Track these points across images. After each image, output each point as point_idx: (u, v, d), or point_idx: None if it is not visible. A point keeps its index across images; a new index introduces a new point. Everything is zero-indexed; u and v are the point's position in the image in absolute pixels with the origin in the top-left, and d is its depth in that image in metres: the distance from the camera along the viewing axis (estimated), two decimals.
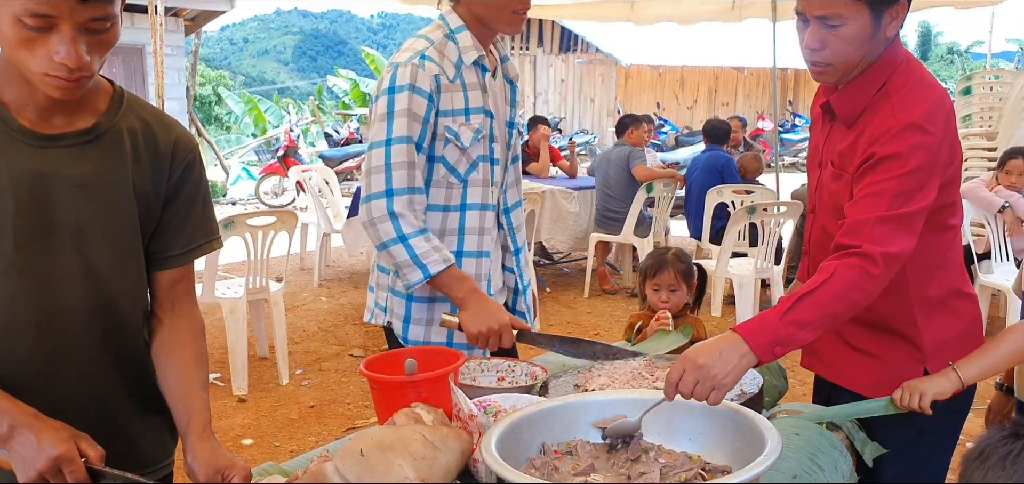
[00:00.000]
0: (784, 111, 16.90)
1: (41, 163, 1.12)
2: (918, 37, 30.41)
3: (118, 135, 1.18)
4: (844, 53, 1.43)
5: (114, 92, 1.21)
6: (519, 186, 1.95)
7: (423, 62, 1.66)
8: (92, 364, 1.20)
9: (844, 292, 1.34)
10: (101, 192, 1.16)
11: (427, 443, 1.11)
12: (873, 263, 1.34)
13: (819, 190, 1.63)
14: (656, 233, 5.75)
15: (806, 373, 1.75)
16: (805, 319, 1.31)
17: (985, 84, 6.58)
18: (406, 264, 1.65)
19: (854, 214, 1.40)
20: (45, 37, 1.03)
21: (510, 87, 1.87)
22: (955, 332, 1.55)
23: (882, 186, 1.38)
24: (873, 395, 1.56)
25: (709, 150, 5.93)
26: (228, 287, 4.01)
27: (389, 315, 1.82)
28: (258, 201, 10.51)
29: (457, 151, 1.72)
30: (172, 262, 1.27)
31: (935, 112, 1.42)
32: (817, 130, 1.66)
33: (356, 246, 5.50)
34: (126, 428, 1.26)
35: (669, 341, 1.90)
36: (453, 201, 1.76)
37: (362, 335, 4.87)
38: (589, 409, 1.24)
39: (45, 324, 1.14)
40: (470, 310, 1.66)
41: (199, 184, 1.28)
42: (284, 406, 3.75)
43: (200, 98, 17.45)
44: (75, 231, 1.15)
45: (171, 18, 9.48)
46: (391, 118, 1.65)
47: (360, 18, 64.17)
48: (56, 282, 1.14)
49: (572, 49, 18.02)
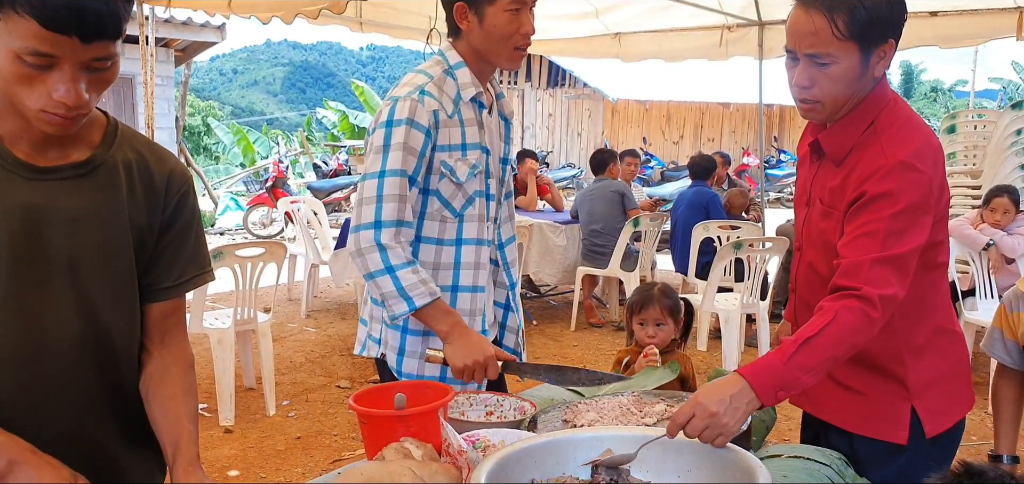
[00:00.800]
0: (769, 147, 17.12)
1: (35, 196, 1.11)
2: (901, 75, 30.99)
3: (113, 168, 1.18)
4: (833, 91, 1.45)
5: (108, 124, 1.20)
6: (512, 222, 1.96)
7: (422, 97, 1.67)
8: (84, 397, 1.19)
9: (845, 335, 1.36)
10: (96, 225, 1.15)
11: (416, 478, 1.10)
12: (872, 306, 1.36)
13: (807, 228, 1.64)
14: (643, 267, 5.78)
15: (793, 408, 1.76)
16: (809, 364, 1.34)
17: (969, 122, 6.71)
18: (392, 295, 1.65)
19: (849, 255, 1.41)
20: (45, 75, 1.02)
21: (504, 124, 1.89)
22: (942, 371, 1.57)
23: (875, 226, 1.40)
24: (859, 432, 1.56)
25: (694, 186, 5.99)
26: (216, 317, 3.99)
27: (383, 347, 1.82)
28: (246, 232, 10.46)
29: (452, 185, 1.73)
30: (164, 294, 1.27)
31: (923, 150, 1.44)
32: (805, 168, 1.67)
33: (343, 277, 5.49)
34: (117, 461, 1.25)
35: (657, 376, 1.91)
36: (447, 235, 1.76)
37: (349, 367, 4.84)
38: (578, 445, 1.25)
39: (37, 357, 1.13)
40: (454, 343, 1.66)
41: (193, 216, 1.28)
42: (271, 437, 3.71)
43: (189, 128, 17.44)
44: (69, 265, 1.14)
45: (161, 49, 9.52)
46: (387, 150, 1.66)
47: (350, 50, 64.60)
48: (49, 316, 1.13)
49: (560, 84, 18.21)
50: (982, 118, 6.86)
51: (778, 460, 1.49)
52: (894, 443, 1.54)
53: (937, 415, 1.55)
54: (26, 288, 1.11)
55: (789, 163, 15.72)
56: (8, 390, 1.13)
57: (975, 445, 3.61)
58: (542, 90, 18.21)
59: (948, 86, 30.87)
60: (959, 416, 1.59)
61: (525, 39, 1.71)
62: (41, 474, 1.04)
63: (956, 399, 1.60)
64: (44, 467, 1.05)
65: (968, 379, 1.63)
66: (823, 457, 1.50)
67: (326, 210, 7.28)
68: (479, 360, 1.64)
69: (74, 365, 1.16)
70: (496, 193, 1.85)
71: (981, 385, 4.58)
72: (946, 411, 1.57)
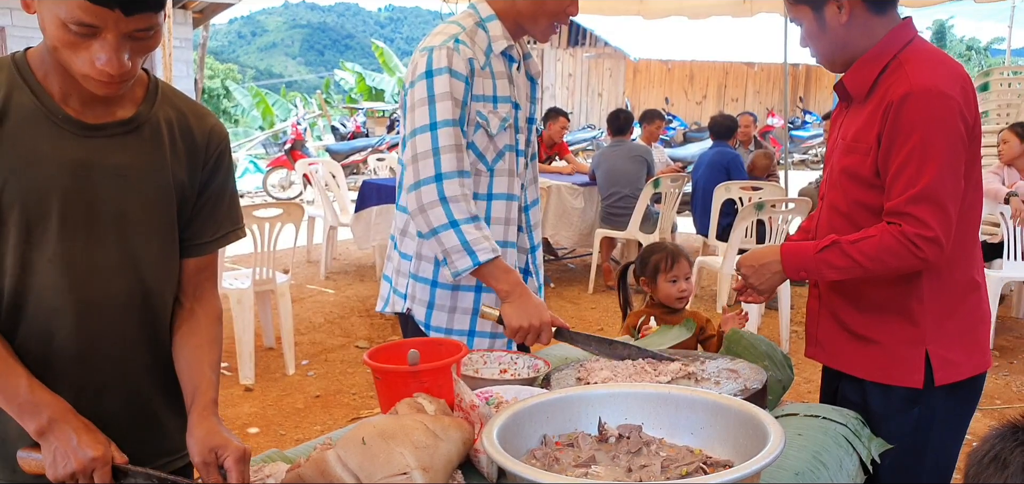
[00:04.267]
0: (794, 108, 16.78)
1: (85, 152, 1.12)
2: (932, 35, 30.18)
3: (156, 125, 1.19)
4: (818, 47, 1.59)
5: (149, 81, 1.21)
6: (536, 184, 1.95)
7: (457, 46, 1.65)
8: (128, 352, 1.21)
9: (880, 252, 1.46)
10: (141, 181, 1.17)
11: (429, 432, 1.11)
12: (914, 244, 1.43)
13: (829, 170, 1.67)
14: (662, 230, 5.73)
15: (812, 370, 1.75)
16: (836, 262, 1.50)
17: (1003, 80, 6.51)
18: (455, 250, 1.62)
19: (892, 195, 1.47)
20: (88, 42, 1.03)
21: (531, 83, 1.88)
22: (959, 319, 1.55)
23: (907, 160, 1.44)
24: (873, 379, 1.57)
25: (715, 146, 5.90)
26: (235, 278, 4.03)
27: (410, 301, 1.80)
28: (265, 194, 10.54)
29: (486, 137, 1.72)
30: (201, 250, 1.28)
31: (952, 78, 1.46)
32: (836, 122, 1.69)
33: (366, 240, 5.50)
34: (156, 416, 1.27)
35: (673, 335, 1.90)
36: (480, 190, 1.75)
37: (368, 327, 4.88)
38: (591, 402, 1.24)
39: (85, 312, 1.15)
40: (513, 304, 1.64)
41: (229, 173, 1.30)
42: (290, 396, 3.77)
43: (208, 91, 17.52)
44: (117, 220, 1.15)
45: (179, 10, 9.50)
46: (432, 102, 1.63)
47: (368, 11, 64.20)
48: (97, 271, 1.15)
49: (580, 43, 17.97)
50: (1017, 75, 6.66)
51: (794, 418, 1.47)
52: (909, 389, 1.53)
53: (949, 364, 1.53)
54: (76, 243, 1.13)
55: (814, 124, 15.39)
56: (56, 341, 1.15)
57: (999, 408, 3.57)
58: (562, 49, 17.98)
59: (984, 44, 30.02)
60: (973, 371, 1.57)
61: (563, 17, 1.71)
62: (81, 438, 1.06)
63: (973, 352, 1.57)
64: (83, 432, 1.07)
65: (986, 336, 1.60)
66: (839, 416, 1.49)
67: (344, 172, 7.29)
68: (534, 324, 1.63)
69: (119, 320, 1.18)
70: (524, 149, 1.84)
71: (1007, 349, 4.52)
72: (959, 363, 1.54)
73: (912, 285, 1.52)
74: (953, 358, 1.53)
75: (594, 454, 1.14)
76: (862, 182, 1.53)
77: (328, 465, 1.06)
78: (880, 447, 1.50)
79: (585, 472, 1.09)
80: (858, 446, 1.47)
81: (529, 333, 1.63)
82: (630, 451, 1.15)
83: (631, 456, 1.14)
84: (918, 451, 1.55)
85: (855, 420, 1.52)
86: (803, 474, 1.28)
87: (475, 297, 1.76)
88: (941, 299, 1.53)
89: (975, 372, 1.57)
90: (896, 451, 1.52)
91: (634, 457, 1.14)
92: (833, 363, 1.68)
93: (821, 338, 1.67)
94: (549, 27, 1.72)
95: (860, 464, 1.45)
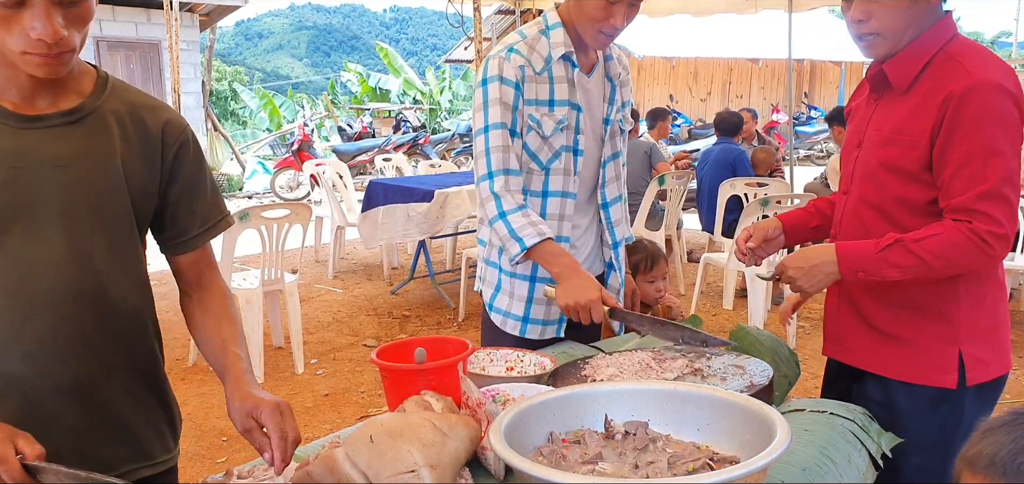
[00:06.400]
0: (799, 104, 16.73)
1: (22, 143, 1.09)
2: None
3: (103, 116, 1.16)
4: (890, 20, 1.46)
5: (98, 76, 1.19)
6: (619, 182, 2.01)
7: (509, 55, 1.80)
8: (79, 352, 1.16)
9: (947, 250, 1.40)
10: (87, 172, 1.13)
11: (436, 430, 1.11)
12: (984, 241, 1.38)
13: (858, 167, 1.60)
14: (668, 226, 5.73)
15: (818, 366, 1.74)
16: (900, 261, 1.43)
17: None
18: (506, 238, 1.78)
19: (955, 190, 1.41)
20: (19, 14, 1.01)
21: (610, 85, 1.93)
22: (991, 318, 1.53)
23: (972, 157, 1.39)
24: (903, 378, 1.54)
25: (721, 143, 5.89)
26: (244, 278, 4.06)
27: (481, 283, 2.00)
28: (273, 195, 10.59)
29: (538, 139, 1.83)
30: (190, 245, 1.29)
31: (1007, 73, 1.43)
32: (860, 113, 1.65)
33: (373, 240, 5.51)
34: (121, 418, 1.23)
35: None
36: (534, 186, 1.87)
37: (375, 326, 4.90)
38: (597, 399, 1.25)
39: (29, 311, 1.11)
40: (564, 283, 1.73)
41: (200, 164, 1.28)
42: (299, 394, 3.79)
43: (216, 93, 17.59)
44: (62, 213, 1.12)
45: (186, 13, 9.55)
46: (486, 107, 1.80)
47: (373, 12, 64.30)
48: (40, 267, 1.11)
49: None
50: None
51: (800, 414, 1.47)
52: (941, 389, 1.51)
53: (981, 364, 1.51)
54: (16, 236, 1.10)
55: (819, 120, 15.32)
56: (2, 339, 1.11)
57: (1009, 402, 3.56)
58: None
59: (990, 38, 29.84)
60: (1000, 371, 1.55)
61: (610, 26, 1.76)
62: None
63: (1000, 351, 1.55)
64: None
65: (1008, 336, 1.58)
66: (846, 412, 1.48)
67: (351, 173, 7.31)
68: (581, 301, 1.68)
69: (71, 316, 1.14)
70: (589, 150, 1.90)
71: (1016, 343, 4.50)
72: (990, 362, 1.53)
73: (951, 283, 1.49)
74: (984, 357, 1.51)
75: (601, 451, 1.15)
76: (905, 176, 1.48)
77: (337, 463, 1.07)
78: (891, 442, 1.49)
79: (592, 469, 1.09)
80: (867, 441, 1.46)
81: (580, 310, 1.70)
82: (637, 447, 1.16)
83: (638, 452, 1.14)
84: (942, 451, 1.52)
85: (863, 415, 1.51)
86: (810, 470, 1.28)
87: (530, 287, 1.91)
88: (974, 297, 1.50)
89: (1000, 372, 1.55)
90: (921, 451, 1.50)
91: (641, 454, 1.14)
92: (855, 362, 1.63)
93: (842, 336, 1.64)
94: (597, 36, 1.78)
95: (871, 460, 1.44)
